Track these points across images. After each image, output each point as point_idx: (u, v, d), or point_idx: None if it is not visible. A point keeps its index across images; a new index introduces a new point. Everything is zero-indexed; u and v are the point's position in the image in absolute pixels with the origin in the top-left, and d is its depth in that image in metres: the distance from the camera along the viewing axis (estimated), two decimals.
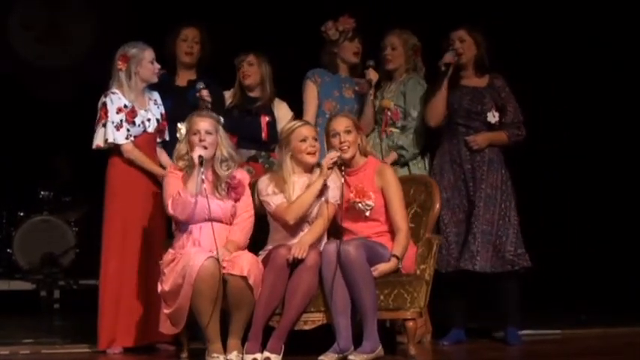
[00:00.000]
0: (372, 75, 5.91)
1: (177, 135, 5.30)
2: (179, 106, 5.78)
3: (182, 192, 5.15)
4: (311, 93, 6.04)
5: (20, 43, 9.29)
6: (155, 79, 5.68)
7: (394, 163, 5.82)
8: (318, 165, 5.30)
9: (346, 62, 6.08)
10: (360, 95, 6.03)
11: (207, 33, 6.12)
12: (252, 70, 6.04)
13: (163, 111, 5.76)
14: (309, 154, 5.31)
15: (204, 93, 5.75)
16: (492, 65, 5.88)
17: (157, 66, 5.67)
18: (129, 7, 8.59)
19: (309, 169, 5.35)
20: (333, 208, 5.29)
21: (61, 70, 9.22)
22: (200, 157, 5.14)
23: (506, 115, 5.79)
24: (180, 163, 5.27)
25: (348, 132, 5.35)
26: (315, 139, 5.33)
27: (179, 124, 5.31)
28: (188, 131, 5.25)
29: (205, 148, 5.19)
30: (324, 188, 5.26)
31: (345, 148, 5.34)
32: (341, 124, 5.38)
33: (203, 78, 6.03)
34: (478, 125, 5.77)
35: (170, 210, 5.18)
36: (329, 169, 5.25)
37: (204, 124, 5.24)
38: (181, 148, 5.28)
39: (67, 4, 9.31)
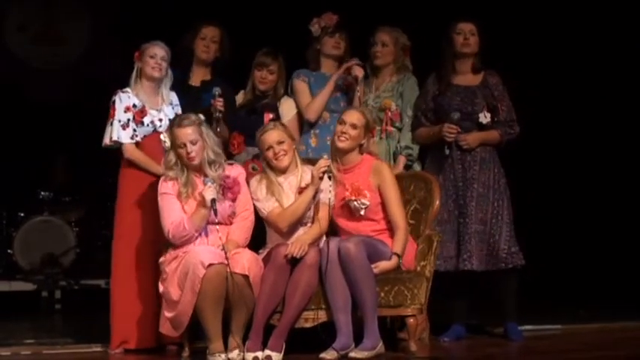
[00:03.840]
0: (358, 72, 5.90)
1: (163, 145, 5.24)
2: (193, 106, 5.72)
3: (187, 224, 5.12)
4: (302, 88, 6.01)
5: (16, 44, 9.30)
6: (154, 74, 5.60)
7: (405, 167, 5.83)
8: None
9: (328, 57, 6.06)
10: (345, 91, 6.03)
11: (228, 34, 6.07)
12: (271, 79, 6.00)
13: (179, 112, 5.68)
14: (276, 159, 5.32)
15: (219, 103, 5.71)
16: (488, 63, 5.88)
17: (160, 62, 5.60)
18: (124, 6, 8.61)
19: (286, 169, 5.36)
20: (326, 209, 5.30)
21: (58, 70, 9.23)
22: (213, 200, 5.10)
23: (499, 113, 5.76)
24: (171, 173, 5.23)
25: (354, 127, 5.35)
26: (281, 142, 5.31)
27: (162, 135, 5.27)
28: (172, 143, 5.20)
29: (214, 186, 5.13)
30: (317, 191, 5.28)
31: (343, 139, 5.34)
32: (351, 116, 5.38)
33: (217, 79, 6.03)
34: (469, 125, 5.74)
35: (170, 237, 5.16)
36: (320, 178, 5.25)
37: (187, 134, 5.18)
38: (170, 158, 5.23)
39: (62, 5, 9.32)
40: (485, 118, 5.73)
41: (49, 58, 9.34)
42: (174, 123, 5.27)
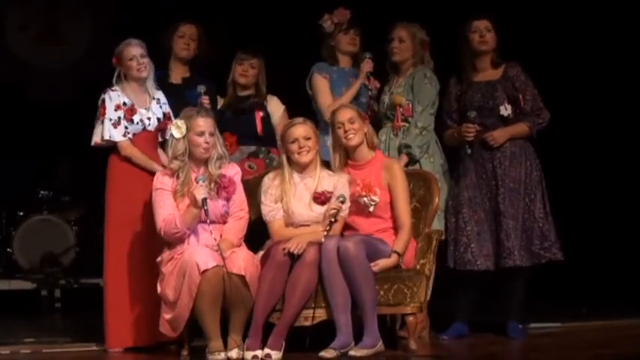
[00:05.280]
0: (367, 67, 5.91)
1: (176, 132, 5.19)
2: (177, 104, 5.73)
3: (179, 222, 5.10)
4: (323, 86, 6.01)
5: (17, 44, 9.30)
6: (141, 75, 5.59)
7: (406, 164, 5.81)
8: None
9: (344, 53, 6.07)
10: (368, 88, 6.03)
11: (205, 31, 6.13)
12: (252, 73, 6.07)
13: (167, 110, 5.70)
14: (299, 154, 5.31)
15: (205, 101, 5.74)
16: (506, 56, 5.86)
17: (142, 61, 5.58)
18: (124, 6, 8.60)
19: (305, 167, 5.35)
20: (341, 221, 5.29)
21: (58, 71, 9.22)
22: (204, 199, 5.08)
23: (525, 103, 5.72)
24: (175, 163, 5.20)
25: (352, 121, 5.37)
26: (307, 138, 5.32)
27: (178, 121, 5.22)
28: (189, 130, 5.18)
29: (205, 184, 5.13)
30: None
31: (351, 136, 5.36)
32: (344, 114, 5.40)
33: (197, 75, 6.04)
34: (493, 121, 5.71)
35: (161, 234, 5.14)
36: (329, 220, 5.20)
37: (207, 125, 5.20)
38: (179, 147, 5.20)
39: (63, 5, 9.31)
40: (506, 110, 5.70)
41: (50, 58, 9.33)
42: (194, 112, 5.25)
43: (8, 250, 8.40)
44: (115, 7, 8.79)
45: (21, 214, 8.55)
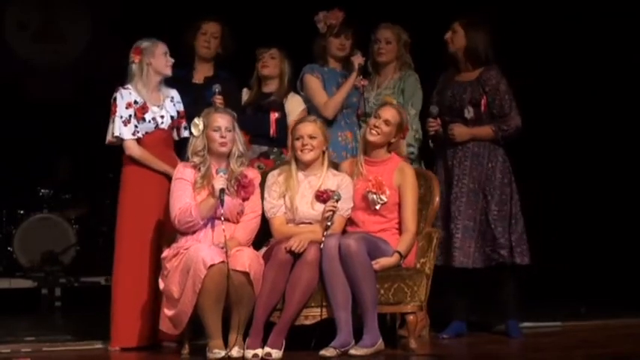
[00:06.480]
0: (359, 60, 5.91)
1: (194, 130, 5.28)
2: (196, 104, 5.73)
3: (194, 211, 5.14)
4: (317, 85, 6.02)
5: (16, 42, 9.31)
6: (168, 72, 5.63)
7: None
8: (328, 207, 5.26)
9: (333, 56, 6.09)
10: (358, 90, 6.03)
11: (229, 29, 6.12)
12: (273, 63, 6.05)
13: (181, 109, 5.72)
14: (301, 151, 5.34)
15: (218, 101, 5.75)
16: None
17: (170, 59, 5.63)
18: (125, 5, 8.61)
19: (309, 165, 5.36)
20: (342, 220, 5.31)
21: (59, 69, 9.24)
22: (222, 190, 5.12)
23: (492, 108, 5.70)
24: (196, 159, 5.28)
25: (387, 123, 5.38)
26: (312, 137, 5.34)
27: (196, 119, 5.30)
28: (206, 126, 5.26)
29: (228, 180, 5.19)
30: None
31: (374, 132, 5.37)
32: (386, 112, 5.41)
33: (221, 73, 6.04)
34: (460, 122, 5.73)
35: (175, 222, 5.18)
36: (325, 218, 5.21)
37: (224, 121, 5.28)
38: (198, 143, 5.29)
39: (62, 2, 9.32)
40: (468, 113, 5.72)
41: (49, 55, 9.34)
42: (213, 109, 5.36)
43: (9, 248, 8.42)
44: (115, 5, 8.80)
45: (21, 212, 8.57)
